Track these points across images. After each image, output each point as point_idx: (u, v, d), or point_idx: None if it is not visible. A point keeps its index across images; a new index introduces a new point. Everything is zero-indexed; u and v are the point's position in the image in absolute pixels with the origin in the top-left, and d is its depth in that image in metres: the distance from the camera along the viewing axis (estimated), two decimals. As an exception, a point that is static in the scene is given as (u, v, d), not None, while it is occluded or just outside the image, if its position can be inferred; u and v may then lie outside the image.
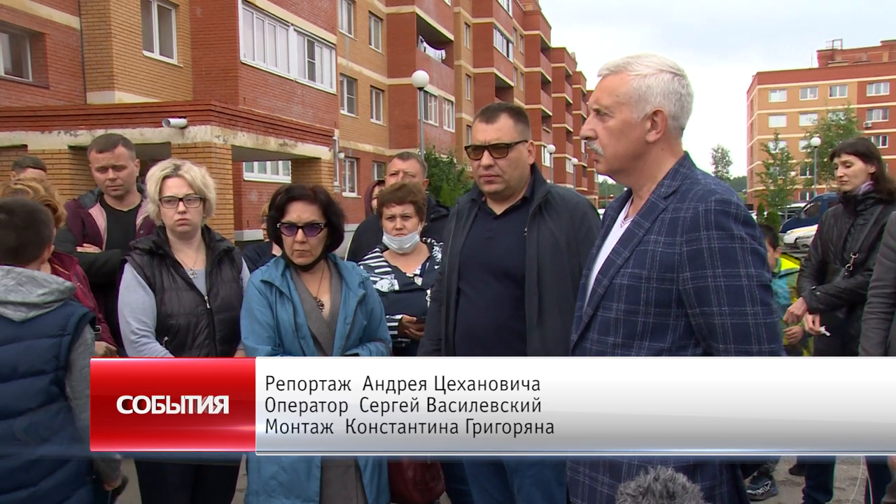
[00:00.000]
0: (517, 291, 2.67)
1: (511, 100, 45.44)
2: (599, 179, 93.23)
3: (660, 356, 1.91)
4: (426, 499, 3.10)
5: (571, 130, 67.12)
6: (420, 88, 21.05)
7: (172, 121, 12.39)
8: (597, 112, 2.00)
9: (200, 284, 3.03)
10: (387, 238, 3.43)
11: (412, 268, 3.40)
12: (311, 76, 22.91)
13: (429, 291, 3.31)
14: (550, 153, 56.90)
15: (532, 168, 2.79)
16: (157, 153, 10.98)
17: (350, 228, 3.46)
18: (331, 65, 24.20)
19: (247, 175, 20.06)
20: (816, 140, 42.53)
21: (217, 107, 13.06)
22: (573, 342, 2.08)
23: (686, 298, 1.87)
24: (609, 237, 2.11)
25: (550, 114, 58.59)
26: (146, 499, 3.07)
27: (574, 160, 70.27)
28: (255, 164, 20.74)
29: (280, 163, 21.12)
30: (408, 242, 3.40)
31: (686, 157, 2.02)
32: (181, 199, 3.00)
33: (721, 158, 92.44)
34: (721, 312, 1.83)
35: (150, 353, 2.89)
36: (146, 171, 3.18)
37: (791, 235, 26.29)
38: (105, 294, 3.39)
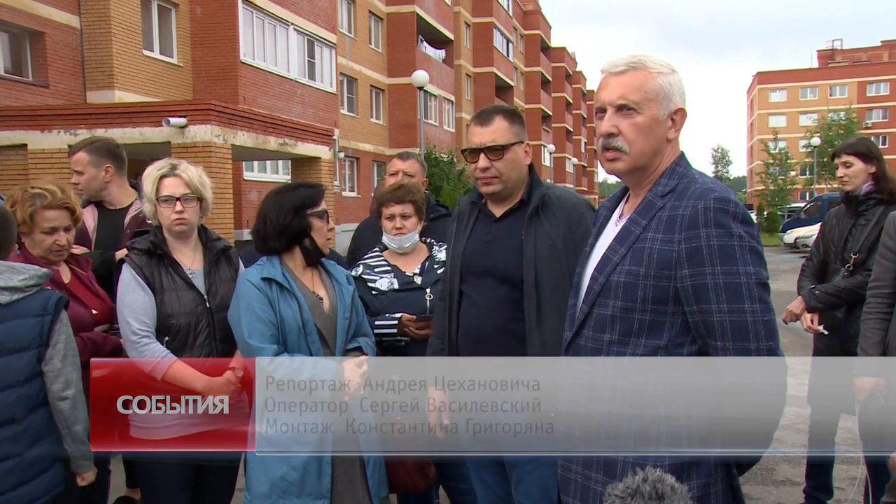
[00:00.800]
0: (516, 294, 2.68)
1: (511, 99, 45.50)
2: (599, 179, 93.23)
3: (655, 353, 1.91)
4: (426, 483, 3.16)
5: (571, 130, 67.12)
6: (420, 88, 21.03)
7: (172, 120, 12.38)
8: (620, 108, 1.95)
9: (199, 284, 3.03)
10: (386, 238, 3.43)
11: (412, 267, 3.40)
12: (311, 76, 22.90)
13: (428, 290, 3.32)
14: (550, 153, 56.90)
15: (530, 169, 2.81)
16: (157, 152, 10.98)
17: (350, 228, 3.45)
18: (331, 64, 24.19)
19: (247, 175, 20.06)
20: (816, 140, 42.52)
21: (217, 106, 13.04)
22: (567, 340, 2.08)
23: (684, 296, 1.87)
24: (603, 235, 2.10)
25: (550, 113, 58.57)
26: (146, 499, 3.07)
27: (574, 160, 70.25)
28: (255, 164, 20.73)
29: (280, 162, 21.11)
30: (407, 242, 3.39)
31: (683, 157, 2.02)
32: (178, 199, 2.99)
33: (721, 158, 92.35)
34: (720, 310, 1.83)
35: (152, 354, 2.88)
36: (143, 171, 3.19)
37: (791, 235, 26.28)
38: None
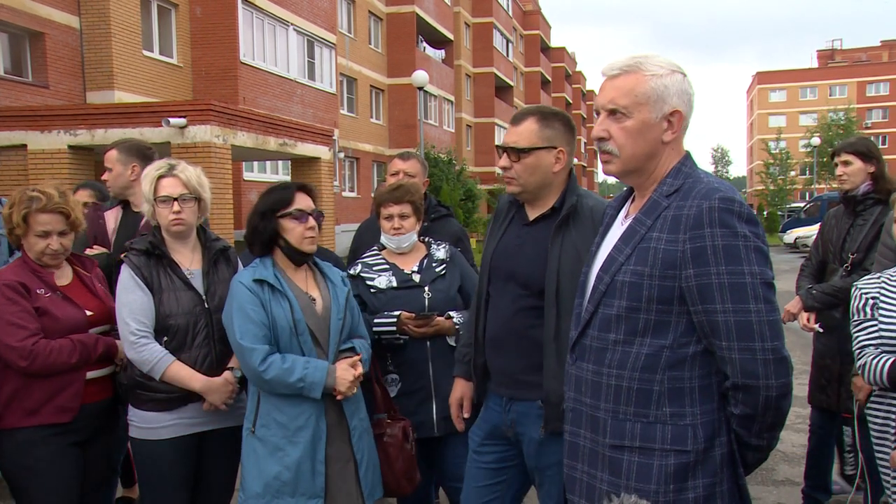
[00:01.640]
0: (538, 302, 2.62)
1: (511, 100, 45.51)
2: (599, 179, 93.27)
3: (661, 353, 1.91)
4: (412, 487, 3.17)
5: (571, 130, 66.92)
6: (420, 88, 21.01)
7: (172, 120, 12.38)
8: (611, 112, 1.96)
9: (198, 284, 3.03)
10: (384, 238, 3.43)
11: (410, 265, 3.40)
12: (311, 76, 22.90)
13: (426, 288, 3.32)
14: (550, 153, 56.75)
15: (569, 176, 2.72)
16: (157, 153, 10.96)
17: (350, 228, 3.46)
18: (331, 64, 24.19)
19: (247, 175, 20.07)
20: (816, 140, 42.51)
21: (217, 106, 13.04)
22: (573, 339, 2.08)
23: (689, 295, 1.87)
24: (609, 235, 2.10)
25: (550, 113, 58.44)
26: (146, 499, 3.07)
27: (574, 160, 70.14)
28: (255, 164, 20.74)
29: (280, 162, 21.12)
30: (405, 242, 3.39)
31: (688, 156, 2.01)
32: (176, 199, 2.99)
33: (721, 158, 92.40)
34: (724, 310, 1.82)
35: (150, 354, 2.88)
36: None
37: (791, 235, 26.28)
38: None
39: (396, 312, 3.23)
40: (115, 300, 2.99)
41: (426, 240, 3.53)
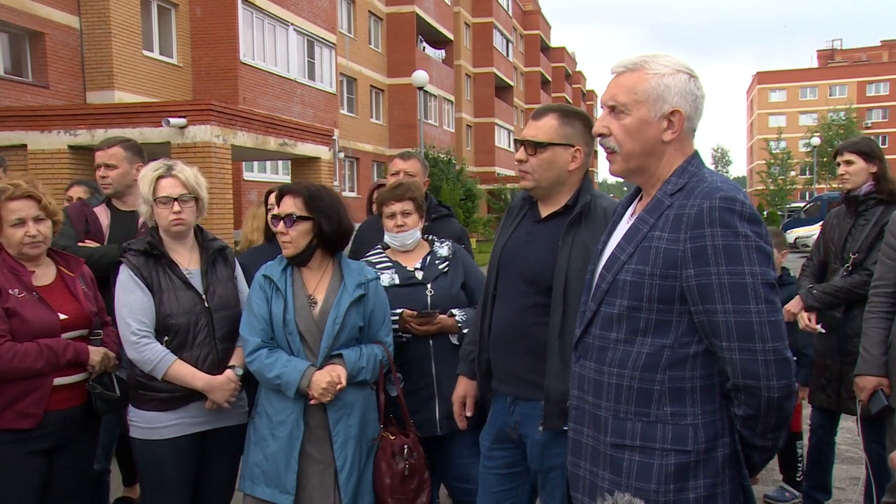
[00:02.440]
0: (545, 300, 2.61)
1: (511, 100, 45.52)
2: (599, 179, 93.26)
3: (661, 352, 1.91)
4: None
5: (571, 130, 66.92)
6: (420, 88, 21.02)
7: (172, 120, 12.37)
8: (611, 109, 1.97)
9: (197, 283, 3.03)
10: (388, 236, 3.43)
11: (413, 262, 3.39)
12: (311, 76, 22.91)
13: (429, 286, 3.31)
14: (550, 153, 56.77)
15: (584, 176, 2.69)
16: (157, 153, 10.94)
17: (350, 228, 3.44)
18: (331, 64, 24.20)
19: (246, 175, 20.08)
20: (816, 140, 42.51)
21: (217, 106, 13.03)
22: (576, 337, 2.08)
23: (689, 295, 1.86)
24: (615, 233, 2.10)
25: (550, 114, 58.46)
26: (146, 499, 3.06)
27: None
28: (255, 164, 20.75)
29: (280, 163, 21.13)
30: (409, 239, 3.39)
31: (695, 156, 2.01)
32: (176, 199, 2.99)
33: (721, 158, 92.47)
34: (725, 310, 1.82)
35: (152, 354, 2.89)
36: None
37: (791, 235, 26.28)
38: (103, 295, 3.38)
39: (398, 310, 3.23)
40: (115, 300, 2.98)
41: (429, 237, 3.53)
